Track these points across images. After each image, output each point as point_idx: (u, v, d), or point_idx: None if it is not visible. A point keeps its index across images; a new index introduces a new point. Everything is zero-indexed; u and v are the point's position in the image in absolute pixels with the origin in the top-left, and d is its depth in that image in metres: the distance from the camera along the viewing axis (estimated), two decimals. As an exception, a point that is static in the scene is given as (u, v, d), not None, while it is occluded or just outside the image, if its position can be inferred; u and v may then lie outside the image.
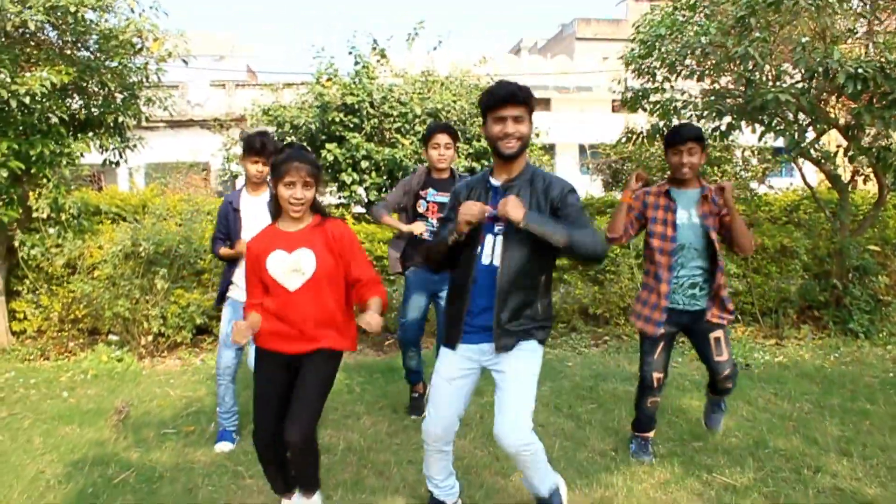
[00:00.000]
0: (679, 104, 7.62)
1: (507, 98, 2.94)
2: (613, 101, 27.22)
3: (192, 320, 6.69)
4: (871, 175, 7.77)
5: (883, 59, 5.93)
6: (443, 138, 4.63)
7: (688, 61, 7.19)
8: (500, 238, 3.02)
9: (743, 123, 7.29)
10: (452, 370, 3.15)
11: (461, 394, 3.17)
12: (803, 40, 6.21)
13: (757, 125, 7.20)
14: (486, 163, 9.53)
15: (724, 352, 4.06)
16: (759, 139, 7.58)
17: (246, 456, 4.23)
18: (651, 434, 4.23)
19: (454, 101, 9.32)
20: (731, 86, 7.42)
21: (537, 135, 11.23)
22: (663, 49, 7.31)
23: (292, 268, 3.08)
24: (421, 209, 4.70)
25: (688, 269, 3.95)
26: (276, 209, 3.17)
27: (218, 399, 4.56)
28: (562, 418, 4.83)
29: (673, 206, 3.97)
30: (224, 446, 4.41)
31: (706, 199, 3.97)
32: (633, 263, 7.41)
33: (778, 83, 6.55)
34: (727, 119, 7.19)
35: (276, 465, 3.26)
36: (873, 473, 3.83)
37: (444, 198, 4.62)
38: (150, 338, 6.65)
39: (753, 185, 11.23)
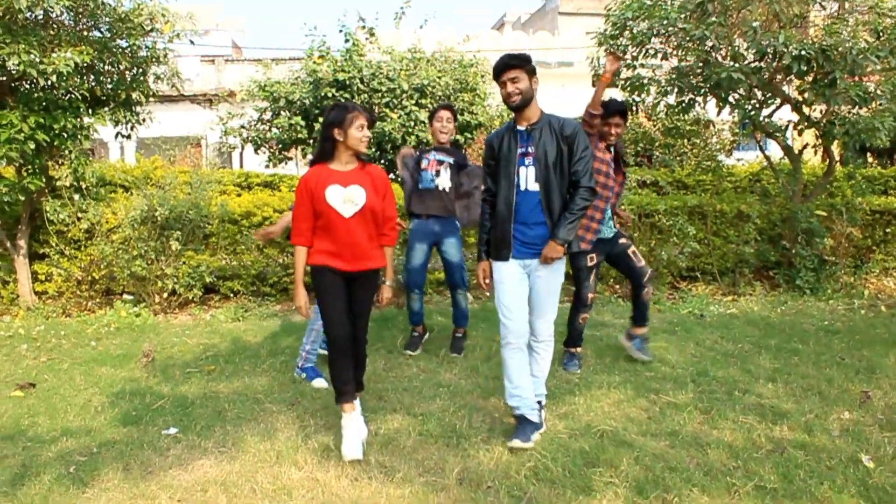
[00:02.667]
0: (646, 81, 8.30)
1: (501, 68, 3.85)
2: (594, 76, 27.87)
3: (202, 279, 7.35)
4: (822, 147, 8.52)
5: (824, 43, 6.64)
6: (445, 114, 5.61)
7: (655, 41, 7.86)
8: (531, 168, 3.87)
9: (704, 99, 8.00)
10: (513, 274, 3.90)
11: (525, 293, 3.93)
12: (755, 24, 6.90)
13: (718, 102, 7.92)
14: (469, 135, 10.21)
15: (640, 258, 5.29)
16: (717, 114, 8.31)
17: (263, 387, 4.94)
18: (579, 349, 5.40)
19: (439, 77, 9.91)
20: (691, 64, 8.10)
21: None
22: (633, 30, 7.96)
23: (348, 199, 3.82)
24: (423, 165, 5.58)
25: (608, 204, 5.03)
26: (329, 152, 3.85)
27: (312, 339, 5.14)
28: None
29: (609, 158, 5.05)
30: (321, 382, 4.99)
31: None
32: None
33: (734, 63, 7.23)
34: (689, 95, 7.90)
35: (349, 359, 3.93)
36: (791, 394, 4.60)
37: (442, 157, 5.57)
38: (164, 295, 7.32)
39: (721, 156, 11.99)
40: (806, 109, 7.58)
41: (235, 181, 11.17)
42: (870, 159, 13.53)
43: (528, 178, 3.86)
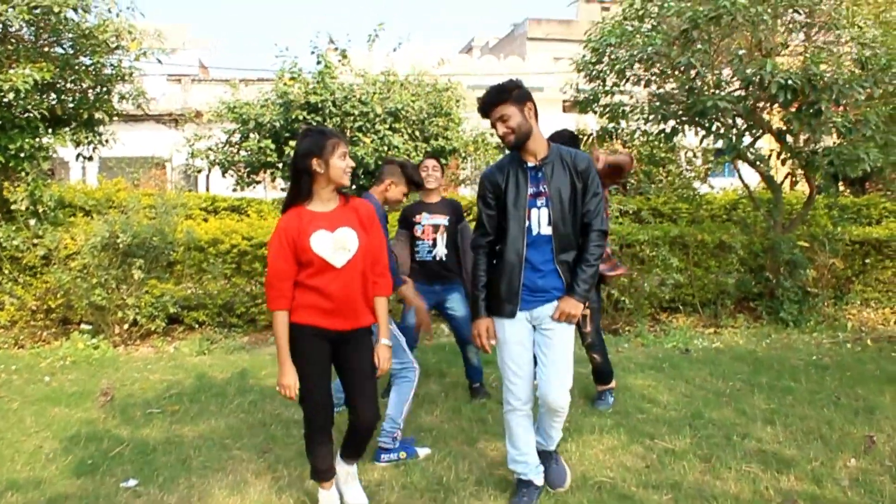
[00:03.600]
0: (627, 108, 8.16)
1: (484, 108, 3.40)
2: (564, 101, 27.95)
3: (166, 309, 6.98)
4: (803, 177, 8.43)
5: (810, 72, 6.53)
6: (430, 162, 5.14)
7: (636, 68, 7.72)
8: (543, 210, 3.40)
9: (686, 127, 7.87)
10: (522, 334, 3.45)
11: (531, 353, 3.49)
12: (740, 52, 6.79)
13: (699, 129, 7.79)
14: (444, 160, 9.98)
15: (589, 324, 4.99)
16: (700, 142, 8.19)
17: (231, 430, 4.59)
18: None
19: (413, 101, 9.70)
20: (674, 91, 7.98)
21: (492, 134, 11.70)
22: (613, 56, 7.83)
23: (339, 245, 3.20)
24: (417, 233, 5.08)
25: None
26: (307, 189, 3.22)
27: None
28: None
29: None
30: (425, 451, 4.25)
31: None
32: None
33: (717, 91, 7.11)
34: (671, 123, 7.76)
35: (330, 435, 3.39)
36: (792, 438, 4.37)
37: (436, 220, 5.08)
38: (125, 326, 6.93)
39: (696, 184, 11.92)
40: (790, 139, 7.47)
41: (201, 205, 10.83)
42: (841, 188, 13.57)
43: (540, 220, 3.40)
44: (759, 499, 3.56)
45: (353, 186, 9.02)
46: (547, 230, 3.40)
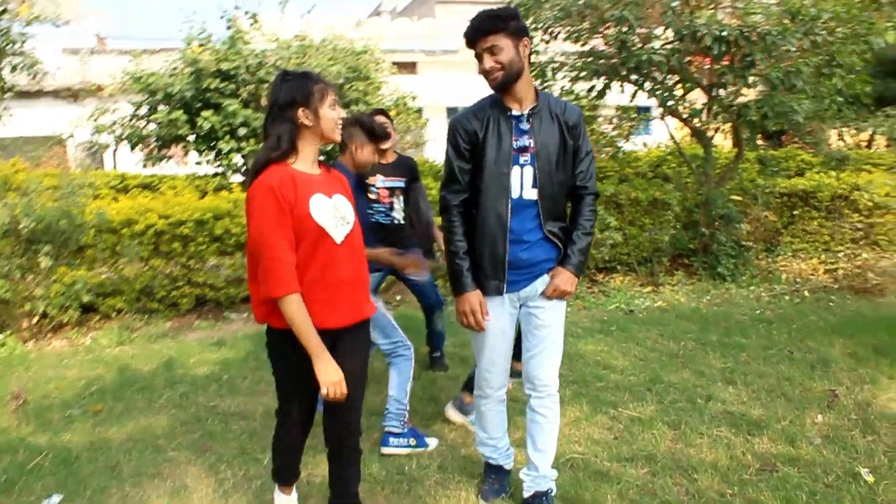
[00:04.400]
0: (556, 65, 7.93)
1: (473, 35, 2.78)
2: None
3: (79, 298, 6.42)
4: (730, 131, 8.41)
5: (742, 24, 6.42)
6: (380, 119, 4.57)
7: (565, 23, 7.47)
8: (527, 168, 2.85)
9: (616, 83, 7.70)
10: (504, 320, 2.99)
11: (512, 340, 3.09)
12: (673, 4, 6.61)
13: (629, 85, 7.63)
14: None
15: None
16: (632, 98, 8.03)
17: (163, 428, 4.19)
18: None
19: (331, 66, 9.27)
20: (602, 48, 7.77)
21: (413, 97, 11.35)
22: (542, 13, 7.56)
23: (339, 214, 2.59)
24: (372, 196, 4.61)
25: None
26: (290, 145, 2.57)
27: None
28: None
29: None
30: (434, 441, 3.93)
31: None
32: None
33: (649, 45, 6.94)
34: (602, 80, 7.57)
35: (302, 449, 2.98)
36: (755, 397, 4.27)
37: (392, 181, 4.64)
38: (34, 320, 6.35)
39: (620, 142, 11.85)
40: (723, 92, 7.38)
41: (110, 184, 10.14)
42: (759, 142, 13.78)
43: (524, 180, 2.86)
44: (738, 465, 3.42)
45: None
46: (531, 193, 2.87)
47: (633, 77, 7.43)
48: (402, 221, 4.67)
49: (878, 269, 7.33)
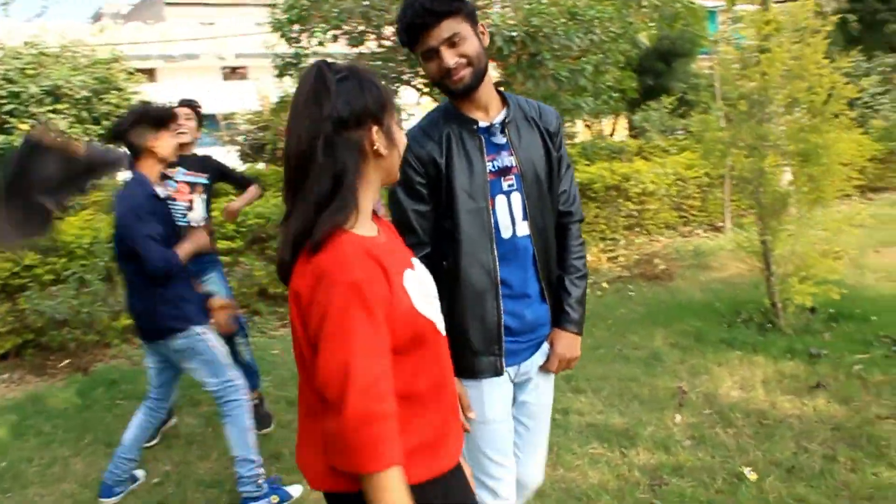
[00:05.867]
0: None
1: (425, 21, 1.95)
2: (223, 68, 26.44)
3: None
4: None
5: (528, 24, 6.44)
6: (182, 111, 4.06)
7: (346, 27, 7.09)
8: (515, 196, 2.12)
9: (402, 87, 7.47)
10: (506, 404, 2.19)
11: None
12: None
13: (417, 87, 7.43)
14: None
15: None
16: (418, 101, 7.85)
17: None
18: None
19: (74, 76, 8.17)
20: (378, 50, 7.49)
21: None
22: (320, 15, 7.10)
23: (427, 289, 1.62)
24: (169, 190, 3.91)
25: None
26: (352, 202, 1.50)
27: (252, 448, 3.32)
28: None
29: None
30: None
31: None
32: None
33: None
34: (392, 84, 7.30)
35: None
36: (610, 404, 4.18)
37: (193, 178, 4.09)
38: None
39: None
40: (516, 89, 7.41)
41: None
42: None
43: (513, 212, 2.12)
44: (628, 484, 3.27)
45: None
46: (524, 228, 2.14)
47: (421, 80, 7.23)
48: (202, 224, 4.07)
49: (662, 255, 7.76)
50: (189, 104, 4.18)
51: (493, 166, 2.11)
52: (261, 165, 13.09)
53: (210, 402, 4.66)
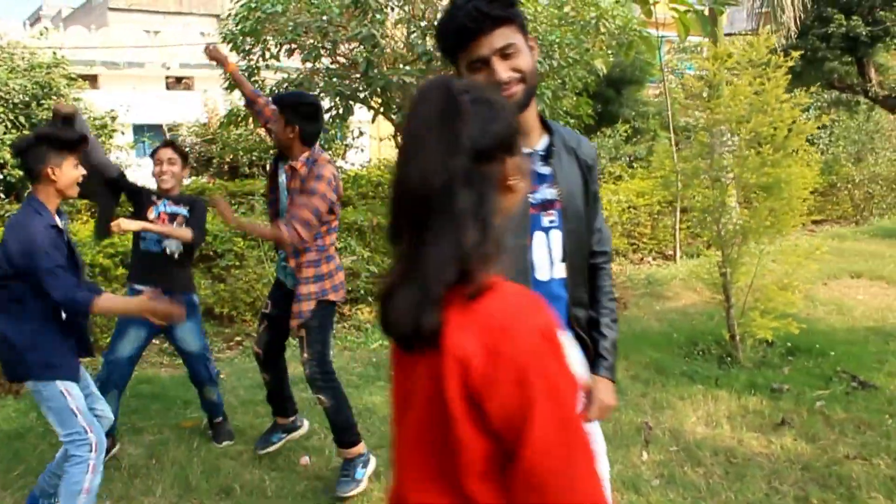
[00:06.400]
0: (287, 84, 7.36)
1: (479, 26, 1.71)
2: (167, 77, 25.78)
3: None
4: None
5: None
6: (165, 153, 4.00)
7: (303, 39, 6.91)
8: (554, 234, 1.91)
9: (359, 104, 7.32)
10: None
11: None
12: (422, 24, 6.36)
13: (373, 105, 7.29)
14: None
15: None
16: (373, 120, 7.71)
17: None
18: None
19: (12, 80, 7.82)
20: (332, 66, 7.34)
21: (114, 117, 9.86)
22: (275, 28, 6.91)
23: None
24: (151, 216, 3.94)
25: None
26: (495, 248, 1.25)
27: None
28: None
29: None
30: None
31: None
32: (261, 255, 6.96)
33: (398, 65, 6.65)
34: (344, 101, 7.14)
35: None
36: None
37: (175, 209, 4.02)
38: None
39: (341, 162, 11.52)
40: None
41: None
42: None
43: (552, 252, 1.91)
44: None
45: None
46: (561, 270, 1.93)
47: (378, 100, 7.09)
48: (176, 257, 3.95)
49: (615, 283, 7.71)
50: (172, 145, 4.06)
51: (535, 199, 1.88)
52: (204, 179, 12.77)
53: (154, 431, 4.42)
